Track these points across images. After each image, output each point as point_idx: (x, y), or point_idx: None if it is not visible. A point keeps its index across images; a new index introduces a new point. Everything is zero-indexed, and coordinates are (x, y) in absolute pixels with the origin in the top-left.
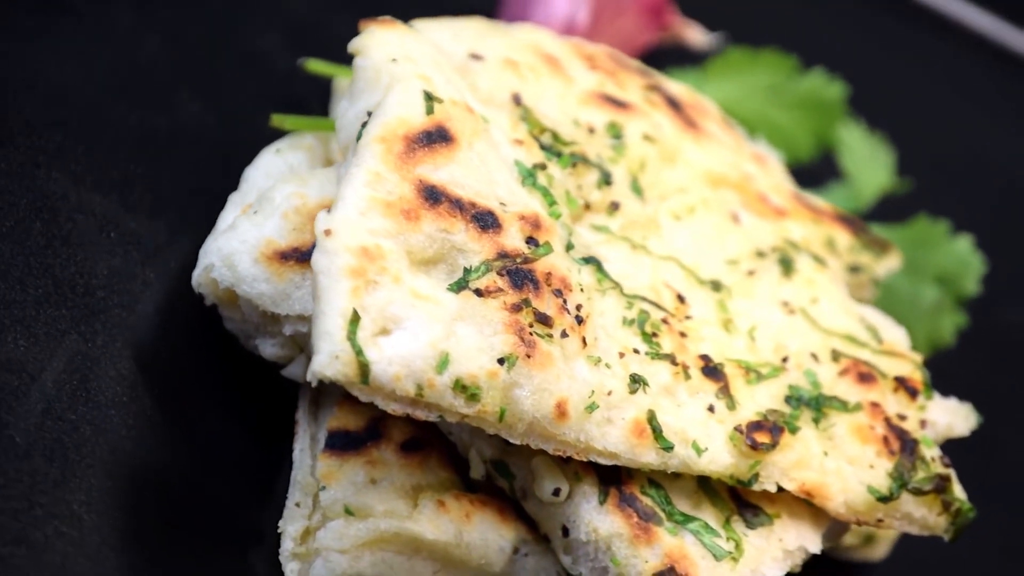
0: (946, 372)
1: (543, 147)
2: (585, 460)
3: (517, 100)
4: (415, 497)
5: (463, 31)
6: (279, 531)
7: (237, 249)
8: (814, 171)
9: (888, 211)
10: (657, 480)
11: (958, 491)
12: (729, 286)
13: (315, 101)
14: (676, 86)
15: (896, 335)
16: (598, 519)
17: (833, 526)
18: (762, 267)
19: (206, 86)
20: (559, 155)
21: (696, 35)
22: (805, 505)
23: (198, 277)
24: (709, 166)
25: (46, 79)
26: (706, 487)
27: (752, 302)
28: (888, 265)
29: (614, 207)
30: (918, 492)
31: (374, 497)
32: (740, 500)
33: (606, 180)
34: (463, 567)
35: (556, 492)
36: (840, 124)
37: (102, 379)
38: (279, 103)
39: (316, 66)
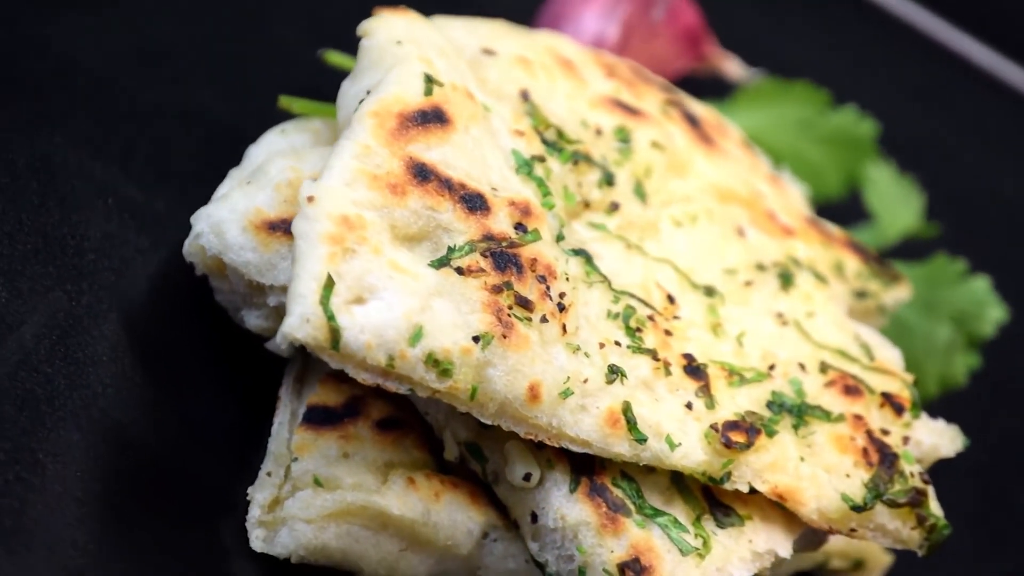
0: (957, 413)
1: (545, 142)
2: (557, 446)
3: (525, 96)
4: (386, 473)
5: (480, 28)
6: (248, 499)
7: (226, 217)
8: (841, 209)
9: (908, 250)
10: (630, 474)
11: (934, 507)
12: (723, 293)
13: (332, 92)
14: (699, 106)
15: (890, 355)
16: (567, 507)
17: (807, 534)
18: (760, 279)
19: (224, 71)
20: (560, 150)
21: (734, 68)
22: (778, 509)
23: (188, 245)
24: (719, 180)
25: (63, 50)
26: (679, 484)
27: (745, 310)
28: (897, 295)
29: (613, 207)
30: (893, 504)
31: (344, 470)
32: (713, 500)
33: (608, 181)
34: (430, 547)
35: (527, 477)
36: (870, 162)
37: (83, 337)
38: (296, 92)
39: (335, 58)
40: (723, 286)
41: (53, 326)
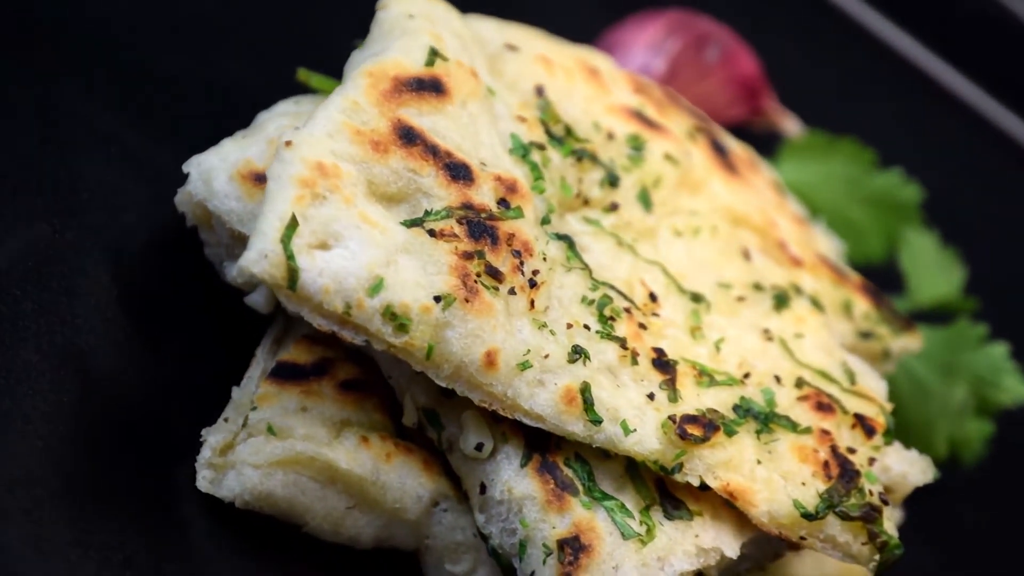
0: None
1: (550, 135)
2: (511, 418)
3: (539, 91)
4: (340, 430)
5: (511, 28)
6: (201, 440)
7: (216, 166)
8: (880, 274)
9: (934, 314)
10: (585, 457)
11: (888, 527)
12: (711, 302)
13: None
14: (734, 141)
15: (874, 384)
16: (515, 480)
17: (761, 542)
18: (754, 297)
19: (250, 44)
20: (563, 143)
21: (791, 125)
22: (731, 510)
23: (180, 193)
24: (734, 204)
25: (97, 11)
26: (633, 473)
27: (730, 320)
28: (906, 343)
29: (612, 207)
30: (845, 516)
31: (299, 422)
32: (665, 492)
33: (611, 182)
34: (377, 507)
35: (479, 447)
36: (911, 228)
37: (61, 268)
38: (317, 68)
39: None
40: (712, 297)
41: (31, 253)
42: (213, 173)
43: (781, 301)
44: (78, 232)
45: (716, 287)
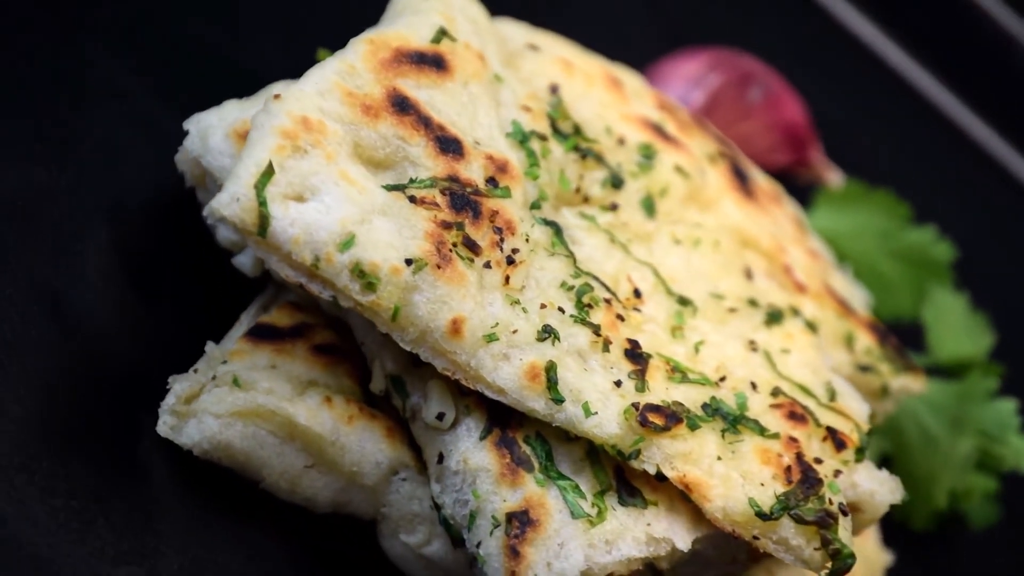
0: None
1: (556, 129)
2: (474, 389)
3: (553, 89)
4: (306, 388)
5: (538, 33)
6: (167, 388)
7: (214, 123)
8: (908, 332)
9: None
10: (546, 437)
11: (843, 536)
12: (699, 308)
13: None
14: (759, 173)
15: (856, 406)
16: (472, 451)
17: (716, 539)
18: (746, 311)
19: (280, 24)
20: (566, 138)
21: (835, 178)
22: (688, 504)
23: (179, 152)
24: (743, 225)
25: None
26: (593, 459)
27: (716, 327)
28: (906, 383)
29: (612, 207)
30: (799, 520)
31: (265, 376)
32: (623, 480)
33: (614, 183)
34: (335, 469)
35: (440, 416)
36: (941, 287)
37: (52, 212)
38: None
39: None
40: (702, 303)
41: (21, 190)
42: (210, 130)
43: (773, 318)
44: (75, 181)
45: (708, 296)
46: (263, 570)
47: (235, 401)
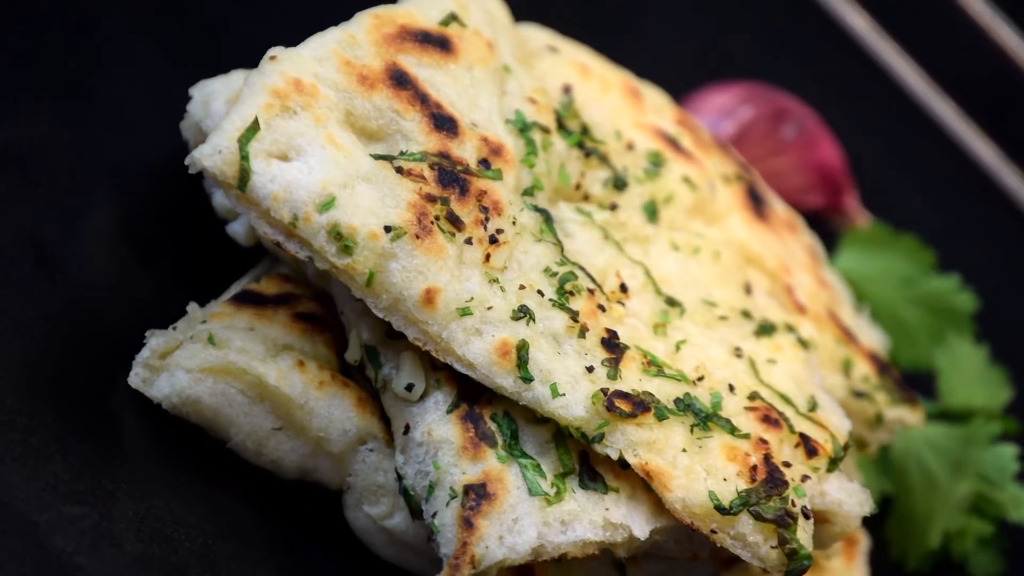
0: None
1: (561, 124)
2: (444, 361)
3: (566, 90)
4: (280, 351)
5: (562, 39)
6: (144, 342)
7: (218, 89)
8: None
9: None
10: (514, 416)
11: (802, 537)
12: (688, 311)
13: None
14: (778, 201)
15: (836, 420)
16: (437, 424)
17: (677, 533)
18: (738, 321)
19: (303, 3)
20: (570, 134)
21: (864, 221)
22: (649, 495)
23: (184, 119)
24: (749, 243)
25: None
26: (559, 442)
27: (702, 331)
28: (903, 414)
29: (611, 207)
30: (759, 517)
31: (240, 336)
32: (586, 465)
33: (616, 184)
34: (302, 433)
35: (409, 387)
36: (962, 337)
37: (50, 162)
38: None
39: None
40: (691, 308)
41: (21, 144)
42: (213, 96)
43: (765, 330)
44: (78, 139)
45: (699, 301)
46: (222, 529)
47: (207, 357)
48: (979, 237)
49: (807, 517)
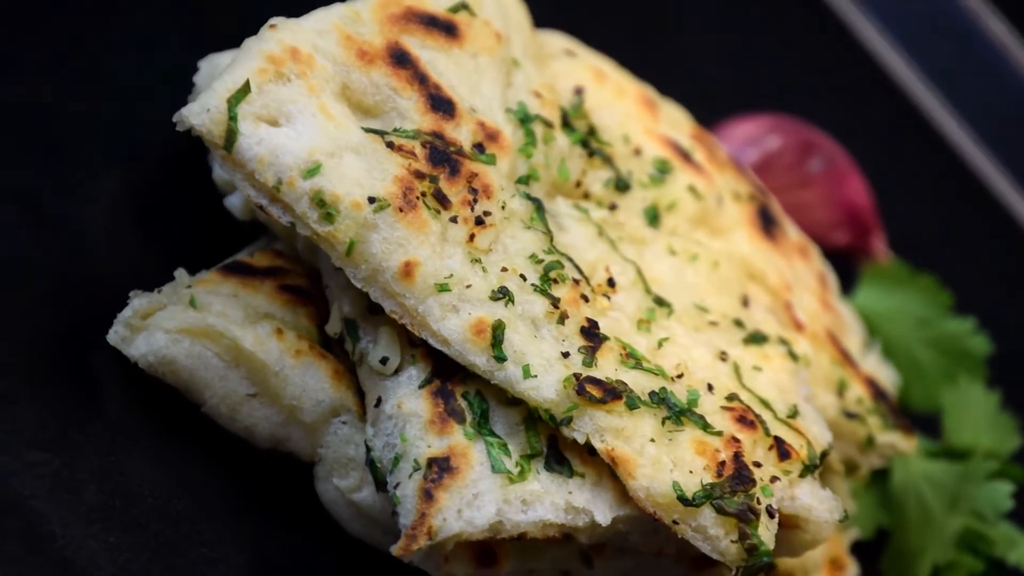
0: None
1: (566, 122)
2: (419, 336)
3: (578, 91)
4: (260, 319)
5: (583, 47)
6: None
7: (225, 64)
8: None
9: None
10: (486, 396)
11: (764, 534)
12: (677, 312)
13: None
14: (792, 227)
15: (817, 430)
16: (408, 397)
17: (639, 521)
18: (728, 329)
19: None
20: (574, 131)
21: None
22: (616, 483)
23: (192, 92)
24: (752, 259)
25: None
26: (529, 427)
27: (689, 333)
28: (895, 440)
29: (610, 207)
30: (721, 510)
31: (221, 302)
32: (554, 449)
33: (618, 185)
34: (276, 401)
35: (384, 361)
36: (974, 381)
37: (51, 129)
38: None
39: None
40: (681, 310)
41: (24, 107)
42: (218, 69)
43: (755, 339)
44: (85, 105)
45: (690, 306)
46: (188, 490)
47: (186, 319)
48: (1003, 283)
49: (771, 516)
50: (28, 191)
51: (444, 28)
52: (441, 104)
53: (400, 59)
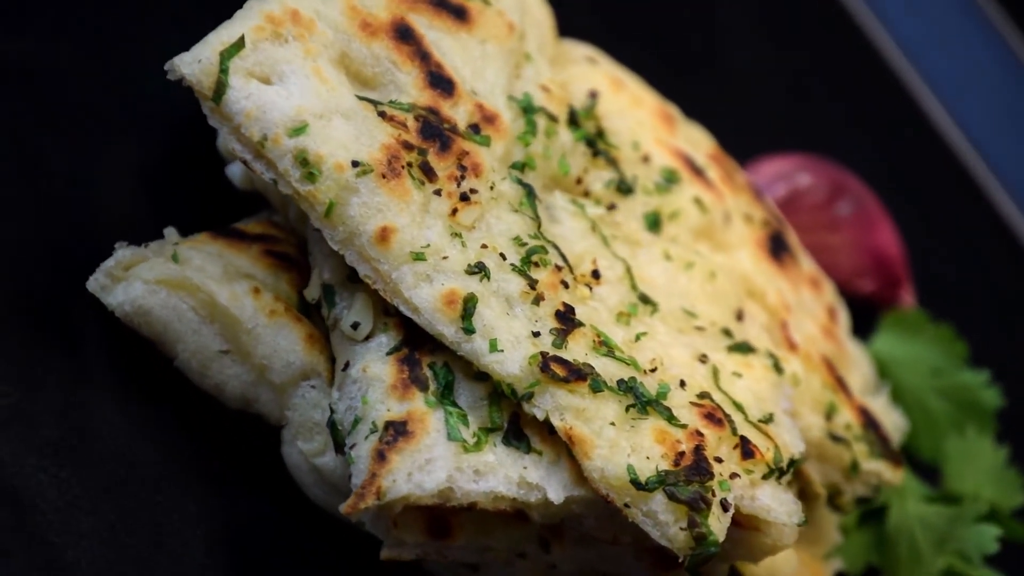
0: None
1: (573, 119)
2: (391, 302)
3: (592, 95)
4: (238, 278)
5: (611, 61)
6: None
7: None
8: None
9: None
10: (453, 369)
11: (714, 525)
12: (662, 312)
13: None
14: (806, 258)
15: (789, 438)
16: (374, 362)
17: (593, 504)
18: (715, 336)
19: None
20: (579, 128)
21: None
22: (573, 464)
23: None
24: (752, 276)
25: None
26: (493, 402)
27: (670, 333)
28: (881, 469)
29: (609, 207)
30: (673, 497)
31: (202, 258)
32: (515, 427)
33: (620, 187)
34: (247, 359)
35: (355, 326)
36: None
37: (57, 92)
38: None
39: None
40: (667, 310)
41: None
42: None
43: (740, 349)
44: (95, 67)
45: (678, 309)
46: (150, 437)
47: (164, 270)
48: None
49: (725, 509)
50: (33, 151)
51: (454, 11)
52: (440, 82)
53: (404, 34)
